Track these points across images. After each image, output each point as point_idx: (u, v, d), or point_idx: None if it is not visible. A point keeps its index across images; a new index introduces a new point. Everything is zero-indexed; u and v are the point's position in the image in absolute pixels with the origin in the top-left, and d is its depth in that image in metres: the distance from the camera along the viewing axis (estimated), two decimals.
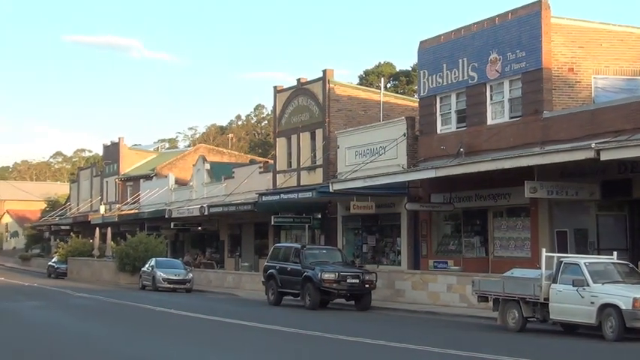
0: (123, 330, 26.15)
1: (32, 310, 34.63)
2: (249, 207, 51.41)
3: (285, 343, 22.28)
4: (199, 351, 20.39)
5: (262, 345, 21.97)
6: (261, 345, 21.97)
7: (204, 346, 21.65)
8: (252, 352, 20.46)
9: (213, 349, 21.01)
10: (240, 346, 21.74)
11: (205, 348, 21.11)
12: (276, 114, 54.61)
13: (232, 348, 21.21)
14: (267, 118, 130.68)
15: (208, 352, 20.34)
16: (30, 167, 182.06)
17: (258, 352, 20.50)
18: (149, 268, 51.40)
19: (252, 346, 21.77)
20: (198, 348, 21.03)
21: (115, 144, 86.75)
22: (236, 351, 20.59)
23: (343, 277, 34.27)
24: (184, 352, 20.22)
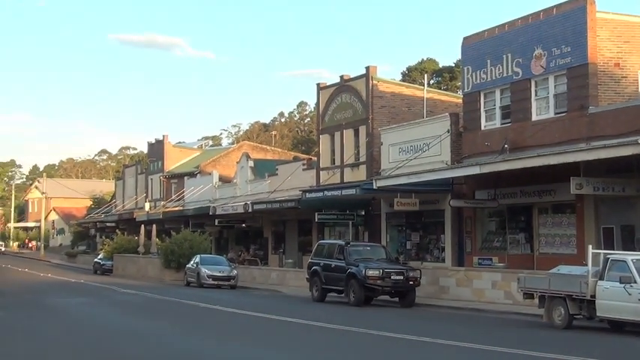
0: (170, 326, 26.29)
1: (80, 307, 34.97)
2: (293, 204, 51.50)
3: (330, 340, 22.28)
4: (245, 347, 20.45)
5: (308, 341, 21.99)
6: (308, 341, 22.00)
7: (249, 342, 21.72)
8: (299, 348, 20.48)
9: (259, 345, 21.05)
10: (286, 342, 21.79)
11: (251, 344, 21.18)
12: (320, 111, 54.62)
13: (278, 344, 21.25)
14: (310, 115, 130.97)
15: (254, 348, 20.39)
16: (76, 165, 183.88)
17: (304, 348, 20.52)
18: (194, 264, 51.65)
19: (298, 342, 21.80)
20: (244, 344, 21.11)
21: (159, 142, 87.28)
22: (282, 347, 20.62)
23: (387, 274, 34.20)
24: (231, 348, 20.31)
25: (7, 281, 55.47)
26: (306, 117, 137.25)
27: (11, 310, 33.43)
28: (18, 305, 35.90)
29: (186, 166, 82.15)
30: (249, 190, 62.38)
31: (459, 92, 59.61)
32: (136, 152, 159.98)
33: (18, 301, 38.17)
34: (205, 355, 19.08)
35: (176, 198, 76.78)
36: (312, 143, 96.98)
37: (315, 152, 57.62)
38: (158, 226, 70.88)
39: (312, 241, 51.24)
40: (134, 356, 18.97)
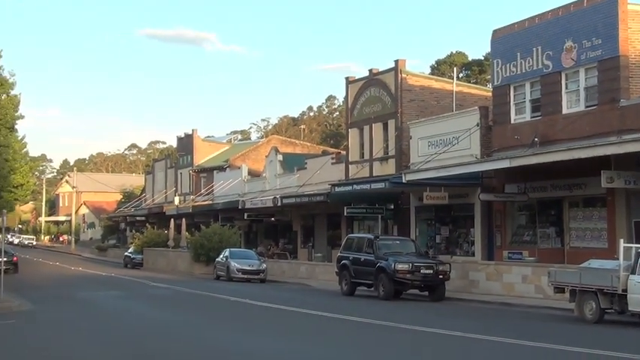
0: (200, 319, 26.43)
1: (112, 300, 35.25)
2: (322, 198, 51.54)
3: (359, 334, 22.31)
4: (276, 341, 20.54)
5: (339, 335, 22.03)
6: (338, 335, 22.03)
7: (279, 335, 21.80)
8: (329, 342, 20.51)
9: (289, 339, 21.13)
10: (317, 336, 21.86)
11: (281, 338, 21.25)
12: (348, 105, 54.57)
13: (309, 338, 21.33)
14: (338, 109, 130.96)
15: (285, 342, 20.46)
16: (106, 159, 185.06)
17: (335, 342, 20.54)
18: (223, 258, 51.86)
19: (328, 336, 21.85)
20: (275, 338, 21.19)
21: (188, 136, 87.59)
22: (313, 341, 20.69)
23: (417, 268, 34.17)
24: (261, 341, 20.38)
25: (39, 275, 55.96)
26: (334, 111, 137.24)
27: (45, 303, 33.74)
28: (51, 299, 36.23)
29: (215, 160, 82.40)
30: (278, 184, 62.48)
31: (488, 85, 59.35)
32: (166, 146, 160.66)
33: (51, 295, 38.51)
34: (236, 349, 19.15)
35: (205, 192, 77.04)
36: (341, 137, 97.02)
37: (344, 146, 57.64)
38: (187, 220, 71.17)
39: (341, 235, 51.25)
40: (165, 349, 19.09)
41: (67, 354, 18.58)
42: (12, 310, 30.82)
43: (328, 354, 18.19)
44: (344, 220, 53.13)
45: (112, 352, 18.92)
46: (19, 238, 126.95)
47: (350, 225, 53.15)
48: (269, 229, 66.88)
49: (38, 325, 25.93)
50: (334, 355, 18.14)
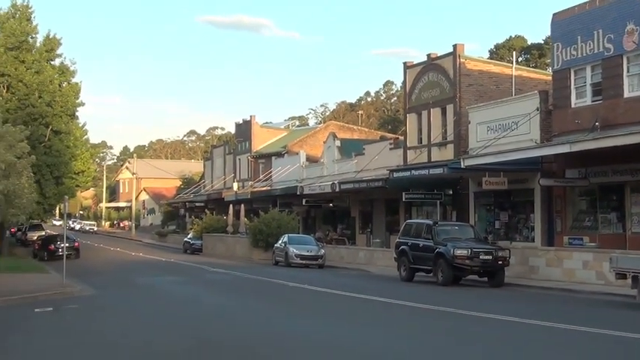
0: (260, 304, 26.59)
1: (172, 285, 35.64)
2: (380, 183, 51.48)
3: (418, 319, 22.29)
4: (336, 326, 20.58)
5: (398, 321, 22.02)
6: (397, 321, 22.02)
7: (339, 321, 21.84)
8: (389, 327, 20.50)
9: (349, 324, 21.15)
10: (376, 321, 21.87)
11: (341, 323, 21.28)
12: (407, 90, 54.39)
13: (368, 323, 21.34)
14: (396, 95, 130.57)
15: (345, 327, 20.49)
16: (165, 146, 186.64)
17: (395, 327, 20.52)
18: (282, 244, 52.11)
19: (388, 321, 21.84)
20: (334, 323, 21.24)
21: (246, 122, 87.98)
22: (373, 326, 20.70)
23: (476, 254, 33.97)
24: (321, 327, 20.46)
25: (101, 261, 56.73)
26: (392, 96, 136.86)
27: (106, 288, 34.25)
28: (112, 284, 36.75)
29: (273, 146, 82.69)
30: (336, 170, 62.52)
31: (548, 69, 58.78)
32: (224, 133, 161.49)
33: (112, 280, 39.06)
34: (295, 334, 19.24)
35: (264, 178, 77.40)
36: (399, 122, 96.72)
37: (402, 131, 57.46)
38: (246, 206, 71.56)
39: (400, 221, 51.17)
40: (224, 334, 19.25)
41: (127, 338, 18.82)
42: (74, 295, 31.36)
43: (388, 340, 18.18)
44: (402, 206, 53.02)
45: (170, 336, 19.11)
46: (80, 224, 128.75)
47: (408, 211, 53.05)
48: (327, 215, 66.99)
49: (100, 309, 26.32)
50: (394, 341, 18.13)
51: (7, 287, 32.11)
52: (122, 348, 17.35)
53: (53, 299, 29.30)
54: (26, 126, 49.60)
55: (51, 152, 62.13)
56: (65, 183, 64.87)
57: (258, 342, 17.92)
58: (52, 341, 18.88)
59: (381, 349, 16.77)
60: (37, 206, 57.76)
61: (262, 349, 16.99)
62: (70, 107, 64.15)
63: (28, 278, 37.89)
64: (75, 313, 25.25)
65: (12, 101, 60.55)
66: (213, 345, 17.73)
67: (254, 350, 16.86)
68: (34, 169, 52.14)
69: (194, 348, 17.21)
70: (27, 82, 61.01)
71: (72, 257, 55.19)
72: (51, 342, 18.76)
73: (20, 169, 42.37)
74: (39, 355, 16.97)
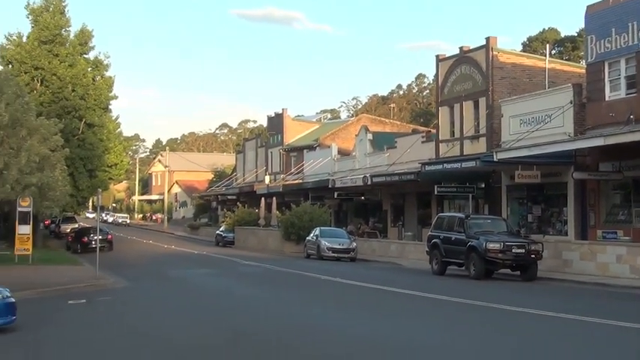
0: (293, 297, 26.64)
1: (204, 278, 35.78)
2: (412, 177, 51.36)
3: (451, 313, 22.19)
4: (369, 320, 20.56)
5: (430, 314, 21.96)
6: (430, 314, 21.96)
7: (372, 314, 21.83)
8: (421, 320, 20.47)
9: (381, 316, 21.13)
10: (409, 315, 21.82)
11: (373, 317, 21.27)
12: (439, 83, 54.18)
13: (401, 317, 21.30)
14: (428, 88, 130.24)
15: (378, 320, 20.48)
16: (197, 139, 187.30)
17: (426, 321, 20.49)
18: (314, 237, 52.15)
19: (420, 315, 21.80)
20: (367, 317, 21.23)
21: (278, 115, 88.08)
22: (405, 320, 20.66)
23: (508, 247, 33.79)
24: (355, 320, 20.44)
25: (133, 253, 57.03)
26: (424, 89, 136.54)
27: (139, 281, 34.44)
28: (145, 276, 36.95)
29: (305, 140, 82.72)
30: (368, 163, 62.44)
31: (581, 62, 58.35)
32: (256, 125, 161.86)
33: (144, 273, 39.27)
34: (327, 327, 19.22)
35: (295, 171, 77.45)
36: (431, 115, 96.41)
37: (434, 124, 57.25)
38: (278, 199, 71.64)
39: (432, 214, 51.06)
40: (256, 326, 19.27)
41: (161, 330, 18.90)
42: (107, 287, 31.55)
43: (422, 334, 18.16)
44: (434, 199, 52.89)
45: (204, 328, 19.18)
46: (113, 217, 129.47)
47: (440, 204, 52.90)
48: (359, 208, 66.93)
49: (133, 301, 26.47)
50: (427, 334, 18.10)
51: (40, 279, 32.36)
52: (156, 340, 17.42)
53: (86, 291, 29.49)
54: (60, 119, 50.03)
55: (84, 145, 62.57)
56: (98, 176, 65.31)
57: (292, 334, 17.95)
58: (84, 333, 19.00)
59: (414, 343, 16.75)
60: (71, 199, 58.19)
61: (297, 341, 17.01)
62: (104, 100, 64.56)
63: (61, 270, 38.15)
64: (108, 305, 25.40)
65: (46, 94, 61.02)
66: (247, 337, 17.76)
67: (289, 343, 16.88)
68: (68, 161, 52.56)
69: (229, 340, 17.26)
70: (61, 76, 61.44)
71: (105, 249, 55.53)
72: (84, 334, 18.88)
73: (54, 161, 42.75)
74: (72, 346, 17.07)
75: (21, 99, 40.26)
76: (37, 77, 61.50)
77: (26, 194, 39.31)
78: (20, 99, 40.06)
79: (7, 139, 37.27)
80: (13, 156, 37.10)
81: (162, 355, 15.71)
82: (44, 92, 61.08)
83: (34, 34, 62.20)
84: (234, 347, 16.41)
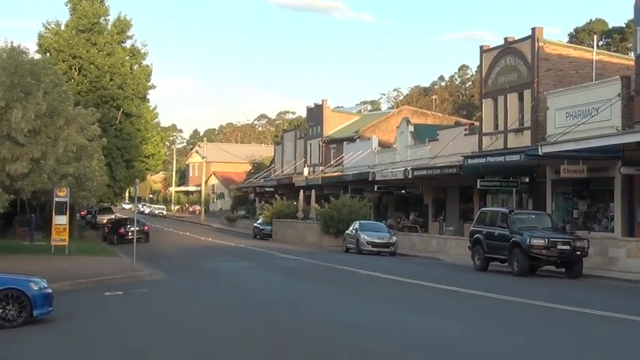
0: (331, 292, 26.61)
1: (241, 270, 35.90)
2: (454, 170, 51.16)
3: (495, 310, 22.07)
4: (409, 314, 20.50)
5: (473, 311, 21.79)
6: (473, 311, 21.80)
7: (412, 310, 21.77)
8: (464, 318, 20.32)
9: (422, 313, 21.07)
10: (450, 312, 21.70)
11: (413, 312, 21.22)
12: (483, 74, 53.86)
13: (442, 314, 21.21)
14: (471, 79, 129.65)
15: (417, 316, 20.42)
16: (235, 130, 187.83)
17: (470, 318, 20.34)
18: (353, 230, 52.11)
19: (463, 312, 21.65)
20: (407, 311, 21.18)
21: (318, 106, 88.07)
22: (447, 317, 20.55)
23: (553, 243, 33.55)
24: (394, 315, 20.37)
25: (169, 245, 57.33)
26: (467, 81, 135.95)
27: (175, 273, 34.61)
28: (181, 268, 37.13)
29: (345, 131, 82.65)
30: (409, 156, 62.27)
31: (630, 54, 57.69)
32: (295, 117, 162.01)
33: (181, 265, 39.46)
34: (371, 322, 19.16)
35: (335, 163, 77.43)
36: (474, 108, 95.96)
37: (478, 117, 56.97)
38: (317, 192, 71.68)
39: (474, 209, 50.83)
40: (294, 321, 19.27)
41: (199, 323, 18.93)
42: (144, 279, 31.74)
43: (465, 331, 18.05)
44: (477, 193, 52.64)
45: (243, 321, 19.23)
46: (149, 208, 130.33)
47: (483, 198, 52.64)
48: (399, 202, 66.81)
49: (169, 294, 26.58)
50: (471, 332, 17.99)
51: (77, 270, 32.62)
52: (193, 332, 17.46)
53: (123, 283, 29.70)
54: (97, 108, 50.34)
55: (122, 135, 63.00)
56: (135, 166, 65.72)
57: (332, 329, 17.92)
58: (121, 325, 19.11)
59: (458, 341, 16.64)
60: (108, 189, 58.64)
61: (338, 337, 16.98)
62: (141, 90, 64.94)
63: (98, 261, 38.45)
64: (144, 297, 25.54)
65: (84, 84, 61.50)
66: (287, 331, 17.78)
67: (329, 337, 16.86)
68: (105, 152, 52.94)
69: (268, 333, 17.29)
70: (98, 65, 61.90)
71: (141, 241, 55.87)
72: (120, 325, 18.99)
73: (91, 151, 43.05)
74: (108, 339, 17.17)
75: (59, 88, 40.55)
76: (75, 66, 61.99)
77: (63, 184, 39.61)
78: (58, 88, 40.35)
79: (45, 129, 37.54)
80: (51, 145, 37.39)
81: (201, 348, 15.74)
82: (82, 81, 61.57)
83: (72, 23, 62.70)
84: (274, 341, 16.41)
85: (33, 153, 36.27)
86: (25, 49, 40.18)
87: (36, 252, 42.31)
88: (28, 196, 39.17)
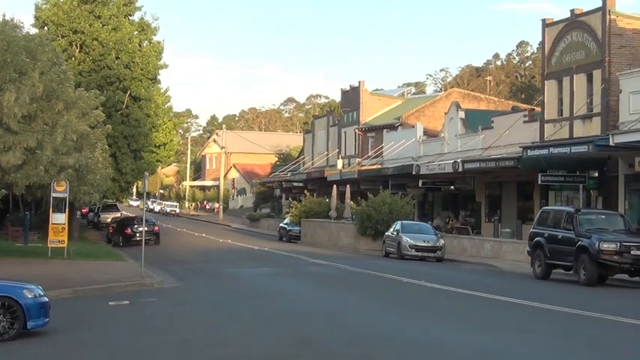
0: (370, 303, 26.59)
1: (265, 278, 35.98)
2: (512, 163, 50.94)
3: (559, 327, 21.92)
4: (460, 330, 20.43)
5: (535, 328, 21.69)
6: (534, 328, 21.70)
7: (465, 325, 21.64)
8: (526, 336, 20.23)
9: (477, 330, 20.94)
10: (509, 328, 21.60)
11: (467, 328, 21.11)
12: (545, 52, 53.56)
13: (499, 330, 21.13)
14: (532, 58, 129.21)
15: (472, 333, 20.32)
16: (258, 115, 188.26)
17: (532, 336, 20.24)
18: (394, 232, 52.06)
19: (523, 328, 21.56)
20: (459, 327, 21.09)
21: (354, 89, 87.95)
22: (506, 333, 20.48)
23: (626, 248, 33.36)
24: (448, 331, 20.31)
25: (184, 247, 57.57)
26: (526, 59, 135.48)
27: (189, 280, 34.73)
28: (196, 275, 37.26)
29: (385, 118, 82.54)
30: (458, 146, 62.12)
31: None
32: (327, 101, 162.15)
33: (196, 271, 39.60)
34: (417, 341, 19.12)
35: (373, 154, 77.38)
36: (535, 91, 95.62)
37: (539, 101, 56.69)
38: (352, 187, 71.61)
39: (534, 208, 50.64)
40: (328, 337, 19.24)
41: (216, 339, 18.95)
42: (154, 286, 31.88)
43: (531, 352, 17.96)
44: (537, 190, 52.42)
45: (266, 337, 19.23)
46: (160, 205, 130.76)
47: (545, 195, 52.40)
48: (447, 199, 66.68)
49: (183, 304, 26.63)
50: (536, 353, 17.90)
51: (78, 276, 32.79)
52: (211, 351, 17.46)
53: (130, 291, 29.82)
54: (101, 91, 50.63)
55: (129, 121, 63.20)
56: (144, 157, 65.99)
57: (370, 348, 17.87)
58: (127, 339, 19.16)
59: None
60: (112, 184, 58.86)
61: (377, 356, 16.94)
62: (152, 70, 65.11)
63: (101, 266, 38.65)
64: (154, 307, 25.62)
65: (86, 62, 61.77)
66: (317, 349, 17.75)
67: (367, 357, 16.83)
68: (110, 140, 53.17)
69: (297, 352, 17.26)
70: (103, 41, 62.10)
71: (151, 243, 56.14)
72: (126, 340, 19.05)
73: (94, 140, 43.26)
74: (114, 355, 17.22)
75: (57, 67, 40.75)
76: (76, 42, 62.29)
77: (62, 178, 39.79)
78: (56, 67, 40.55)
79: (41, 114, 37.71)
80: (48, 133, 37.55)
81: None
82: (84, 60, 61.85)
83: None
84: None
85: (28, 142, 36.41)
86: (19, 22, 40.44)
87: (31, 255, 42.59)
88: (22, 191, 39.34)
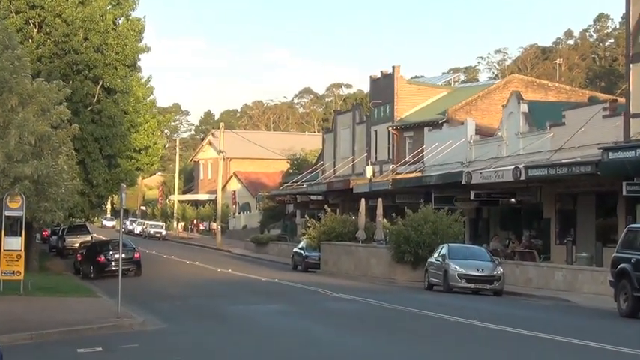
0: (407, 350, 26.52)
1: (276, 317, 35.95)
2: (589, 169, 50.77)
3: None
4: None
5: None
6: None
7: None
8: None
9: None
10: None
11: None
12: (630, 28, 53.45)
13: None
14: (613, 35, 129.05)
15: None
16: (266, 111, 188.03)
17: None
18: (439, 258, 51.86)
19: None
20: None
21: (387, 76, 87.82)
22: None
23: None
24: None
25: (172, 279, 57.60)
26: (607, 37, 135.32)
27: (179, 321, 34.69)
28: (188, 314, 37.25)
29: (426, 112, 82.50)
30: (521, 148, 62.05)
31: None
32: (353, 92, 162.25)
33: (189, 308, 39.61)
34: None
35: (412, 159, 77.28)
36: (618, 77, 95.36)
37: (623, 91, 56.59)
38: (386, 201, 71.50)
39: (618, 226, 50.49)
40: None
41: None
42: (134, 328, 31.88)
43: None
44: (622, 203, 52.26)
45: None
46: (142, 226, 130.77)
47: (631, 210, 52.21)
48: (507, 216, 66.59)
49: (170, 352, 26.60)
50: None
51: (38, 317, 32.79)
52: None
53: (104, 335, 29.84)
54: (66, 81, 50.72)
55: (101, 120, 63.21)
56: (121, 165, 66.05)
57: None
58: None
59: None
60: (81, 199, 58.89)
61: None
62: (129, 54, 65.13)
63: (67, 304, 38.66)
64: (135, 356, 25.57)
65: (46, 45, 61.83)
66: None
67: None
68: (77, 144, 53.28)
69: None
70: (67, 18, 62.11)
71: (130, 274, 56.20)
72: None
73: (57, 144, 43.27)
74: None
75: (10, 52, 40.83)
76: (34, 20, 62.37)
77: (16, 192, 39.84)
78: (9, 52, 40.64)
79: None
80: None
81: None
82: (44, 42, 61.94)
83: None
84: None
85: None
86: None
87: None
88: None
